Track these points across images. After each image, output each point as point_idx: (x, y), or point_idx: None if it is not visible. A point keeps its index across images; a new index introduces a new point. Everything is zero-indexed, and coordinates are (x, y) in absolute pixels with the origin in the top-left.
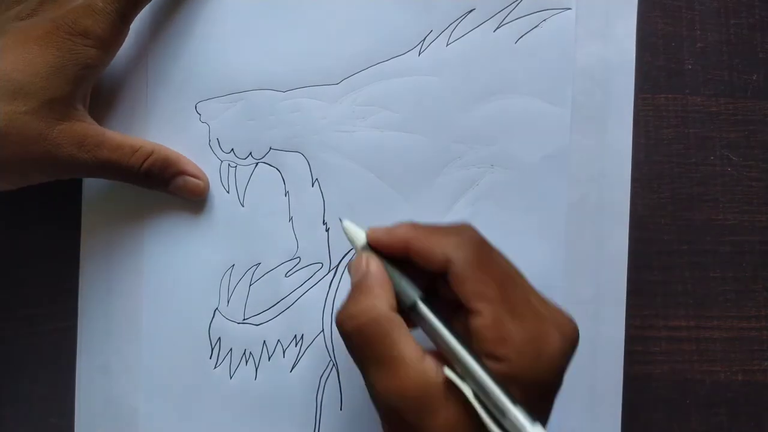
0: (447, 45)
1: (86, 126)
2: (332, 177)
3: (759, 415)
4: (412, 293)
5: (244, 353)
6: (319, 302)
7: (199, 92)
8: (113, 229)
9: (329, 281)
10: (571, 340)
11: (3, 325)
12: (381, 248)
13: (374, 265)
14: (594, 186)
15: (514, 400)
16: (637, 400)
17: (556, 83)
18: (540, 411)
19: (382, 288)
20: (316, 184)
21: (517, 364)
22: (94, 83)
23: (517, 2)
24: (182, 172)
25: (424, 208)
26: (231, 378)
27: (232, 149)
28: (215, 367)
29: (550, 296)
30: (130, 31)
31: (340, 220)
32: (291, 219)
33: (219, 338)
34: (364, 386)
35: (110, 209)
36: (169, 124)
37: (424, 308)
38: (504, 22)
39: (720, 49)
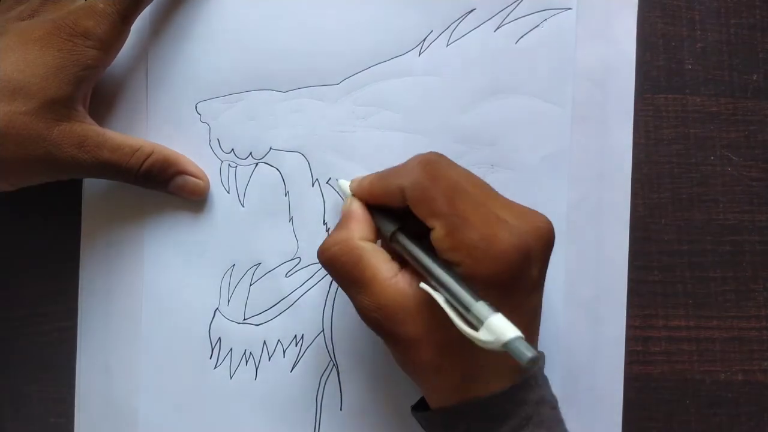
0: (447, 45)
1: (86, 127)
2: (332, 177)
3: (759, 415)
4: (390, 226)
5: (244, 353)
6: (319, 302)
7: (200, 92)
8: (113, 229)
9: (329, 281)
10: (529, 237)
11: (3, 325)
12: (357, 197)
13: (354, 205)
14: (594, 186)
15: (477, 297)
16: (637, 400)
17: (556, 83)
18: (508, 311)
19: (357, 222)
20: (316, 184)
21: (471, 265)
22: (94, 84)
23: (518, 2)
24: (182, 172)
25: None
26: (231, 378)
27: (233, 149)
28: (215, 368)
29: (550, 296)
30: (130, 32)
31: (336, 180)
32: (291, 219)
33: (219, 338)
34: (364, 386)
35: (110, 209)
36: (169, 124)
37: (400, 236)
38: (504, 22)
39: (720, 49)
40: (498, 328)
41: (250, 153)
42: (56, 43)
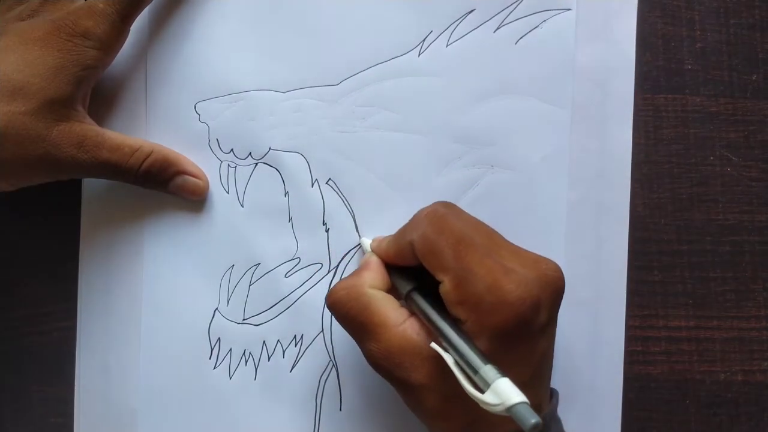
0: (447, 45)
1: (86, 127)
2: (332, 177)
3: (759, 415)
4: (405, 286)
5: (244, 353)
6: (318, 302)
7: (199, 92)
8: (113, 229)
9: (329, 282)
10: (536, 286)
11: (3, 325)
12: (381, 258)
13: (372, 258)
14: (594, 186)
15: (485, 360)
16: (637, 400)
17: (556, 83)
18: (516, 359)
19: (369, 271)
20: (315, 184)
21: (477, 319)
22: (93, 84)
23: (518, 3)
24: (182, 172)
25: None
26: (230, 378)
27: (232, 149)
28: (215, 368)
29: None
30: (129, 32)
31: (360, 237)
32: (291, 219)
33: (219, 338)
34: (364, 386)
35: (110, 209)
36: (168, 124)
37: (414, 295)
38: (504, 22)
39: (720, 49)
40: (503, 392)
41: (250, 153)
42: (56, 43)
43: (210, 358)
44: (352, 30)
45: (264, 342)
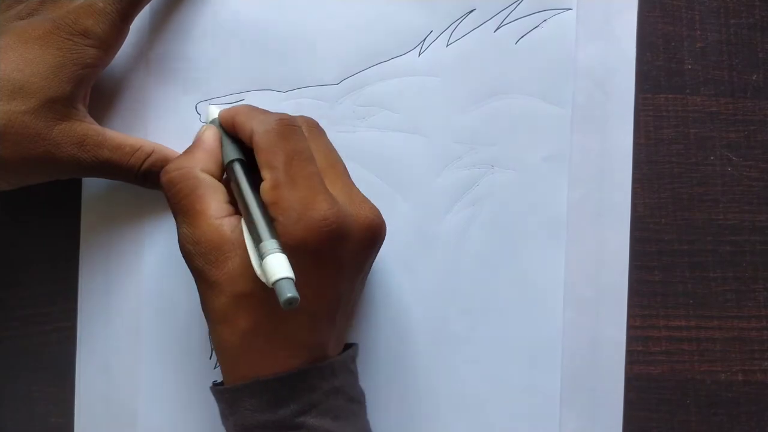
0: (447, 45)
1: (86, 126)
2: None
3: (759, 415)
4: (232, 154)
5: None
6: None
7: (199, 92)
8: (113, 229)
9: None
10: (349, 219)
11: (3, 325)
12: (222, 123)
13: (207, 133)
14: (594, 186)
15: (274, 236)
16: (637, 400)
17: (556, 83)
18: (305, 281)
19: (204, 153)
20: None
21: (282, 223)
22: (93, 83)
23: (518, 2)
24: None
25: (424, 208)
26: None
27: None
28: (215, 368)
29: (550, 296)
30: (130, 31)
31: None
32: None
33: None
34: (365, 386)
35: (110, 209)
36: (168, 123)
37: (236, 165)
38: (504, 22)
39: (720, 49)
40: (274, 265)
41: None
42: (56, 42)
43: (210, 358)
44: (352, 30)
45: None
